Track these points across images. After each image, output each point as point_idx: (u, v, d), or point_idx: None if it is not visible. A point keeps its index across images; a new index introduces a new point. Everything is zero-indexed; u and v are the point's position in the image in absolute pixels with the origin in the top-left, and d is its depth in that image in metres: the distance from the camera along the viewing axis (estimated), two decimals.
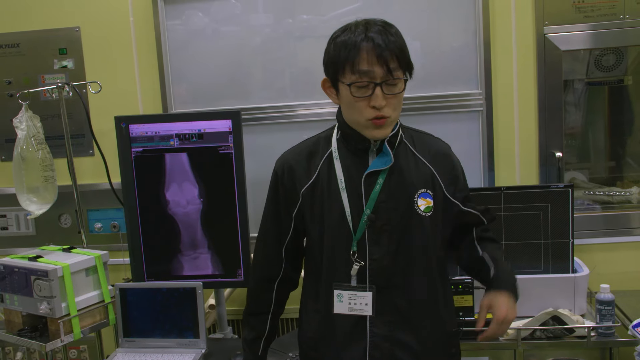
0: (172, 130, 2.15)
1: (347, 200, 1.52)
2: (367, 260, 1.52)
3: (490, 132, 2.38)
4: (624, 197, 2.53)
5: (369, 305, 1.52)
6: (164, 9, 2.46)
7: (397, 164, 1.52)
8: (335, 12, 2.38)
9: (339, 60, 1.43)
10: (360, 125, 1.48)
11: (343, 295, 1.53)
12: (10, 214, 2.65)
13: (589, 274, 2.09)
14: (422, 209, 1.52)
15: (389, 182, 1.51)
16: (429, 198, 1.53)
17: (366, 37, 1.40)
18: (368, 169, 1.51)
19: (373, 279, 1.52)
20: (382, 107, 1.42)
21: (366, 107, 1.43)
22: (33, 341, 1.97)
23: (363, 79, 1.40)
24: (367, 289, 1.52)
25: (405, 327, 1.53)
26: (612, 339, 1.97)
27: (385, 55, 1.39)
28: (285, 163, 1.61)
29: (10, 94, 2.56)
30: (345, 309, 1.53)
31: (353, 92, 1.42)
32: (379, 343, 1.53)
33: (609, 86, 2.66)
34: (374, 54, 1.39)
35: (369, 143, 1.51)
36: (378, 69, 1.40)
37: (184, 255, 2.21)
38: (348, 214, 1.51)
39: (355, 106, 1.44)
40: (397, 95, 1.45)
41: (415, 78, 2.34)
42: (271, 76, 2.48)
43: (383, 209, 1.51)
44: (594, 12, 2.29)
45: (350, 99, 1.44)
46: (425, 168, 1.55)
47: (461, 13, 2.35)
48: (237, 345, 2.08)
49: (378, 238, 1.51)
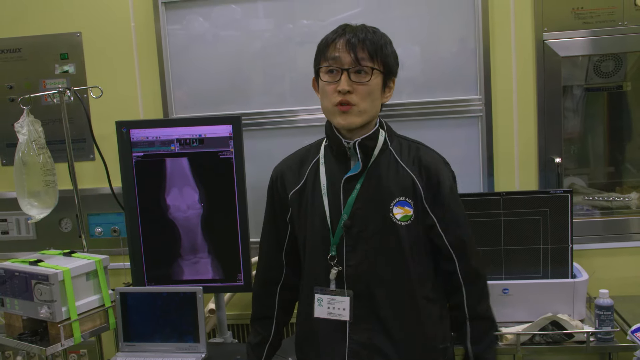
0: (173, 135, 2.16)
1: (327, 205, 1.54)
2: (344, 266, 1.53)
3: (489, 138, 2.38)
4: (623, 202, 2.54)
5: (346, 310, 1.52)
6: (165, 14, 2.47)
7: (376, 171, 1.53)
8: (336, 17, 2.39)
9: (317, 53, 1.54)
10: (329, 113, 1.52)
11: (322, 299, 1.54)
12: (11, 218, 2.66)
13: (588, 279, 2.09)
14: (398, 217, 1.51)
15: (367, 189, 1.52)
16: (407, 207, 1.51)
17: (342, 32, 1.50)
18: (346, 175, 1.53)
19: (350, 284, 1.52)
20: (345, 91, 1.46)
21: (333, 92, 1.48)
22: (33, 345, 1.97)
23: (332, 64, 1.48)
24: (345, 294, 1.52)
25: (385, 336, 1.52)
26: (611, 344, 1.97)
27: (354, 43, 1.46)
28: (278, 170, 1.67)
29: (11, 98, 2.57)
30: (324, 313, 1.54)
31: (322, 76, 1.50)
32: (358, 350, 1.53)
33: (607, 92, 2.66)
34: (343, 43, 1.48)
35: (343, 147, 1.53)
36: (345, 55, 1.46)
37: (184, 259, 2.22)
38: (328, 219, 1.53)
39: (325, 92, 1.50)
40: (366, 85, 1.47)
41: (415, 83, 2.41)
42: (271, 81, 2.49)
43: (359, 216, 1.52)
44: (593, 18, 2.29)
45: (322, 85, 1.51)
46: (407, 176, 1.53)
47: (461, 19, 2.35)
48: (237, 350, 2.08)
49: (355, 244, 1.52)
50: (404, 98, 2.39)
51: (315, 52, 1.56)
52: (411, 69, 2.38)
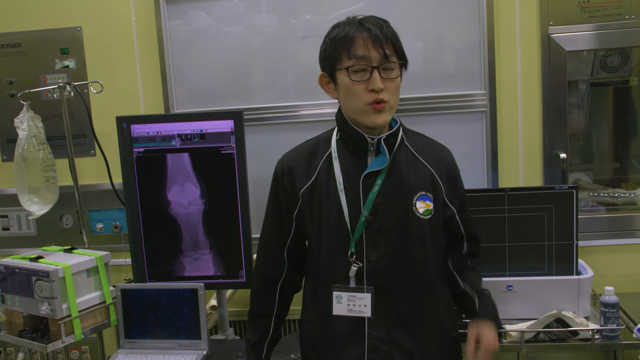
0: (174, 130, 2.14)
1: (345, 201, 1.52)
2: (365, 262, 1.51)
3: (494, 133, 2.36)
4: (628, 198, 2.52)
5: (367, 306, 1.51)
6: (166, 8, 2.45)
7: (396, 166, 1.52)
8: (338, 12, 2.37)
9: (335, 50, 1.46)
10: (360, 113, 1.47)
11: (342, 296, 1.53)
12: (12, 214, 2.65)
13: (593, 276, 2.08)
14: (420, 211, 1.51)
15: (388, 184, 1.50)
16: (428, 201, 1.52)
17: (361, 27, 1.44)
18: (366, 170, 1.50)
19: (371, 280, 1.51)
20: (380, 89, 1.43)
21: (364, 92, 1.44)
22: (34, 342, 1.97)
23: (360, 63, 1.42)
24: (365, 290, 1.51)
25: (404, 330, 1.52)
26: (617, 341, 1.96)
27: (381, 40, 1.42)
28: (285, 164, 1.62)
29: (11, 94, 2.56)
30: (344, 311, 1.53)
31: (351, 75, 1.44)
32: (378, 345, 1.52)
33: (613, 87, 2.64)
34: (370, 39, 1.42)
35: (366, 142, 1.50)
36: (374, 53, 1.42)
37: (186, 256, 2.20)
38: (346, 215, 1.51)
39: (354, 92, 1.45)
40: (395, 80, 1.46)
41: (419, 78, 2.38)
42: (274, 76, 2.47)
43: (381, 210, 1.50)
44: (599, 12, 2.27)
45: (348, 85, 1.45)
46: (426, 170, 1.54)
47: (465, 13, 2.33)
48: (238, 347, 2.07)
49: (376, 240, 1.51)
50: (407, 93, 2.36)
51: (324, 47, 1.50)
52: (415, 63, 2.36)
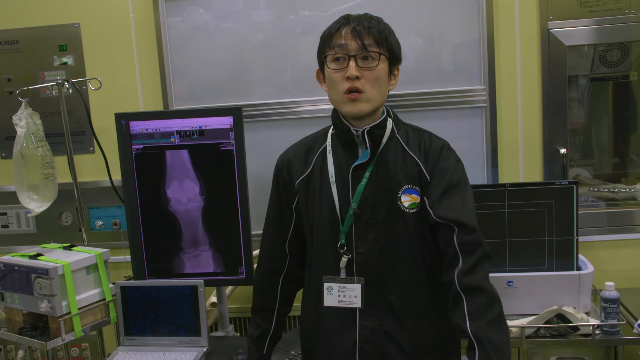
0: (173, 127, 2.14)
1: (336, 194, 1.54)
2: (354, 254, 1.53)
3: (493, 129, 2.36)
4: (628, 193, 2.51)
5: (358, 297, 1.53)
6: (165, 5, 2.44)
7: (384, 159, 1.54)
8: (337, 8, 2.36)
9: (321, 43, 1.53)
10: (339, 103, 1.51)
11: (332, 287, 1.55)
12: (11, 211, 2.65)
13: (593, 271, 2.07)
14: (406, 205, 1.52)
15: (376, 177, 1.53)
16: (414, 194, 1.52)
17: (346, 21, 1.49)
18: (355, 163, 1.53)
19: (360, 272, 1.53)
20: (354, 77, 1.45)
21: (341, 80, 1.47)
22: (34, 340, 1.96)
23: (338, 52, 1.47)
24: (355, 281, 1.53)
25: (395, 321, 1.54)
26: (617, 337, 1.96)
27: (359, 30, 1.46)
28: (285, 158, 1.67)
29: (9, 91, 2.55)
30: (335, 302, 1.55)
31: (330, 64, 1.49)
32: (369, 336, 1.54)
33: (613, 82, 2.63)
34: (349, 31, 1.47)
35: (352, 135, 1.53)
36: (351, 42, 1.46)
37: (186, 252, 2.20)
38: (337, 207, 1.54)
39: (333, 80, 1.49)
40: (374, 70, 1.47)
41: (418, 74, 2.38)
42: (273, 72, 2.46)
43: (368, 203, 1.52)
44: (599, 6, 2.26)
45: (329, 74, 1.50)
46: (413, 163, 1.54)
47: (464, 8, 2.32)
48: (239, 343, 2.07)
49: (364, 232, 1.53)
50: (406, 89, 2.36)
51: (318, 43, 1.55)
52: (414, 59, 2.36)
